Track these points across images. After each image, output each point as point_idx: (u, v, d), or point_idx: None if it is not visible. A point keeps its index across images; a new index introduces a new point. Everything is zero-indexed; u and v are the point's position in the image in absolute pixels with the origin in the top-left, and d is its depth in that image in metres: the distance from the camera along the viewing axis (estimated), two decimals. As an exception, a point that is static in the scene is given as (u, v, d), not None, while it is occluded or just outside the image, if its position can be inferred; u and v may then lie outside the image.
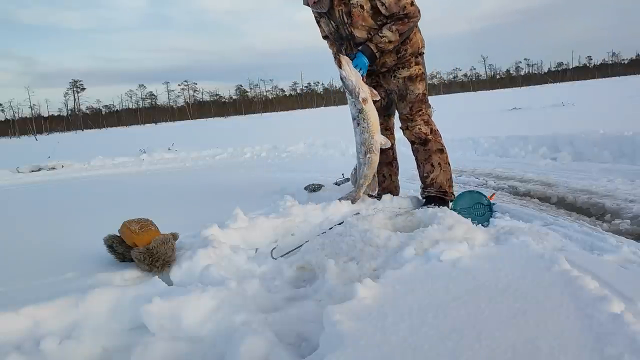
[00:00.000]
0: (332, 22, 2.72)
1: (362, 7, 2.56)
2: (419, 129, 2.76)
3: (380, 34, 2.57)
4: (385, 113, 2.94)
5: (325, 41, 3.01)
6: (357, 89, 2.55)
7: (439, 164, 2.76)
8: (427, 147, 2.77)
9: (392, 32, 2.55)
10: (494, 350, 1.06)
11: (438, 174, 2.75)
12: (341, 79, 2.57)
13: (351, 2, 2.56)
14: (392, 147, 3.04)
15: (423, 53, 2.79)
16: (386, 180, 3.02)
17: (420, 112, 2.76)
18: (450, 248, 1.68)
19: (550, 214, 2.68)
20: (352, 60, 2.57)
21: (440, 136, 2.82)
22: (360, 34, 2.64)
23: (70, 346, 1.39)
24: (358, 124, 2.62)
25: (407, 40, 2.68)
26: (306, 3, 2.69)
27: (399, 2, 2.50)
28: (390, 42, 2.57)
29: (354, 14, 2.58)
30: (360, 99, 2.55)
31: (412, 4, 2.55)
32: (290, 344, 1.36)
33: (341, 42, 2.77)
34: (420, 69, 2.75)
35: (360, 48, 2.61)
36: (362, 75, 2.58)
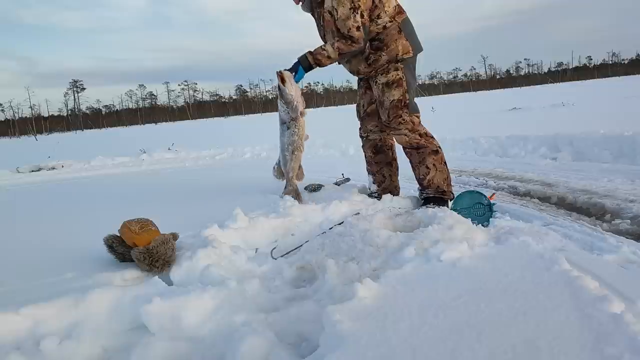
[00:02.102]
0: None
1: (330, 14, 2.62)
2: (407, 139, 2.73)
3: (322, 47, 2.66)
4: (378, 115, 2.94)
5: None
6: (294, 103, 2.73)
7: (434, 165, 2.73)
8: (421, 151, 2.74)
9: (333, 49, 2.63)
10: (494, 350, 1.06)
11: (434, 174, 2.73)
12: (280, 92, 2.71)
13: (324, 6, 2.63)
14: (392, 148, 3.03)
15: (404, 59, 2.72)
16: (386, 181, 3.02)
17: (400, 120, 2.71)
18: (450, 248, 1.68)
19: (550, 214, 2.68)
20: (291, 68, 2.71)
21: (433, 137, 2.78)
22: (329, 39, 2.70)
23: (70, 346, 1.38)
24: (288, 128, 2.85)
25: (382, 47, 2.67)
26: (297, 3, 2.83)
27: (346, 22, 2.56)
28: (328, 57, 2.65)
29: (325, 19, 2.67)
30: (297, 112, 2.77)
31: (357, 29, 2.57)
32: (290, 344, 1.36)
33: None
34: (398, 75, 2.70)
35: (299, 57, 2.71)
36: (297, 81, 2.72)
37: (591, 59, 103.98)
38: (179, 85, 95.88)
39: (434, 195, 2.73)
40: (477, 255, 1.67)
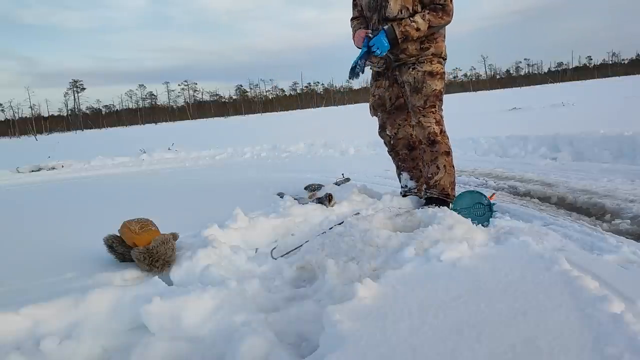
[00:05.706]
0: None
1: None
2: (432, 129, 2.71)
3: (411, 19, 2.57)
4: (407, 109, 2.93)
5: (350, 24, 2.98)
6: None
7: (444, 166, 2.74)
8: (435, 149, 2.74)
9: (423, 20, 2.55)
10: (494, 350, 1.06)
11: (442, 176, 2.74)
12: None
13: None
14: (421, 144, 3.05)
15: (445, 59, 2.79)
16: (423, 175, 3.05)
17: (434, 109, 2.72)
18: (450, 248, 1.68)
19: (550, 214, 2.68)
20: (372, 37, 2.58)
21: (448, 138, 2.78)
22: (394, 5, 2.63)
23: (70, 346, 1.39)
24: None
25: (433, 39, 2.68)
26: None
27: None
28: (418, 29, 2.56)
29: None
30: None
31: (452, 1, 2.57)
32: (290, 344, 1.36)
33: (372, 13, 2.76)
34: (441, 68, 2.74)
35: (385, 28, 2.59)
36: (379, 55, 2.60)
37: (591, 59, 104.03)
38: (179, 85, 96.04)
39: (437, 196, 2.74)
40: (477, 255, 1.67)
